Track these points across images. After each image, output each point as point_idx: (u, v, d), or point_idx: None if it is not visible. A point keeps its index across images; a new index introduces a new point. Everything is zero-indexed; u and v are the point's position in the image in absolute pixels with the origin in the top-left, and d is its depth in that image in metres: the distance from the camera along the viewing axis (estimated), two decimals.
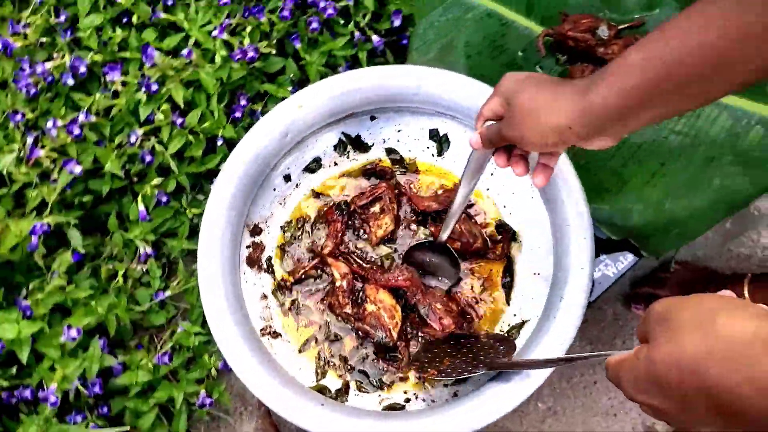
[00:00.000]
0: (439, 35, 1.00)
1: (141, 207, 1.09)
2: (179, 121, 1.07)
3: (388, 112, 0.90)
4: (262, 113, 1.10)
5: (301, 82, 1.13)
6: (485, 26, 0.98)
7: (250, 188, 0.82)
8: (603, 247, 0.96)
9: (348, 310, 0.84)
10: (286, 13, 1.08)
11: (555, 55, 0.97)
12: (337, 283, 0.84)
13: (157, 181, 1.08)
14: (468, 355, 0.79)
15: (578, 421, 1.09)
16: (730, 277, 1.10)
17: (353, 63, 1.14)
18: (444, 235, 0.81)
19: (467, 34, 0.98)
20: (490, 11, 0.99)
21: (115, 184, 1.10)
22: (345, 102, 0.84)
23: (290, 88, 1.09)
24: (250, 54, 1.05)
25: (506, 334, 0.83)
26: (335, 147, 0.91)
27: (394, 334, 0.83)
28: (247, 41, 1.07)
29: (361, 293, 0.85)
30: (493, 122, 0.66)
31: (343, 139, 0.90)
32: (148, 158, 1.07)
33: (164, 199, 1.08)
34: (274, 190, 0.88)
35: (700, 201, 0.87)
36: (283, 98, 1.09)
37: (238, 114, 1.07)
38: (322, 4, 1.08)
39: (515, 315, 0.84)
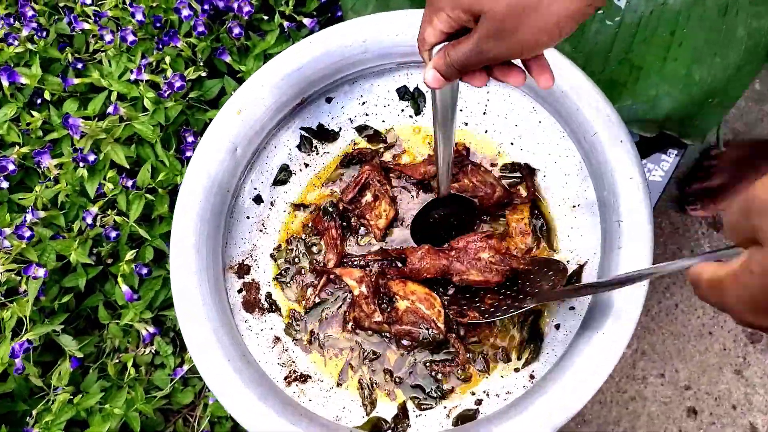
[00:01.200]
0: None
1: (125, 288, 0.94)
2: (130, 183, 0.92)
3: (342, 87, 0.74)
4: None
5: None
6: None
7: (216, 225, 0.67)
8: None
9: (378, 317, 0.68)
10: (201, 28, 0.93)
11: None
12: (356, 292, 0.68)
13: (130, 255, 0.94)
14: (512, 288, 0.65)
15: (672, 353, 0.92)
16: None
17: None
18: (443, 188, 0.65)
19: None
20: None
21: (91, 273, 0.96)
22: (289, 88, 0.69)
23: None
24: (177, 84, 0.89)
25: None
26: (299, 147, 0.75)
27: (441, 325, 0.67)
28: (170, 72, 0.92)
29: (387, 293, 0.69)
30: (443, 44, 0.48)
31: (305, 134, 0.75)
32: (113, 234, 0.93)
33: (145, 271, 0.94)
34: (248, 217, 0.73)
35: (731, 57, 0.70)
36: None
37: (189, 153, 0.92)
38: (236, 5, 0.93)
39: (568, 261, 0.68)
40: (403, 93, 0.75)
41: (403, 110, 0.75)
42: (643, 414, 0.88)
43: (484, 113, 0.73)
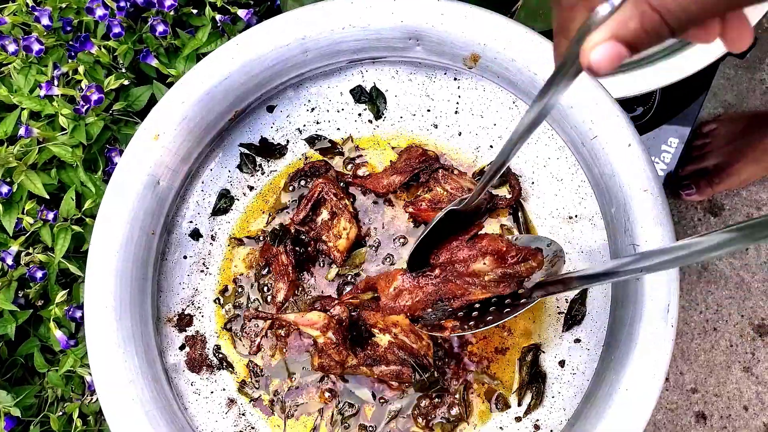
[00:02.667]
0: None
1: (58, 334, 0.80)
2: (52, 216, 0.77)
3: (285, 92, 0.60)
4: None
5: None
6: None
7: (141, 277, 0.53)
8: None
9: (352, 361, 0.56)
10: (117, 30, 0.77)
11: None
12: (321, 340, 0.56)
13: (61, 296, 0.79)
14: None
15: (675, 354, 0.82)
16: None
17: None
18: (473, 198, 0.49)
19: None
20: None
21: (20, 318, 0.82)
22: (217, 104, 0.55)
23: None
24: (95, 97, 0.74)
25: (567, 311, 0.56)
26: (240, 167, 0.61)
27: (431, 359, 0.55)
28: (84, 82, 0.77)
29: (362, 329, 0.57)
30: (616, 2, 0.28)
31: (245, 151, 0.61)
32: (39, 274, 0.79)
33: (80, 314, 0.80)
34: (186, 257, 0.59)
35: None
36: None
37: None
38: None
39: None
40: (358, 94, 0.61)
41: (360, 114, 0.62)
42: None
43: (456, 112, 0.60)
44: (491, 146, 0.59)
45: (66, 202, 0.79)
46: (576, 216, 0.56)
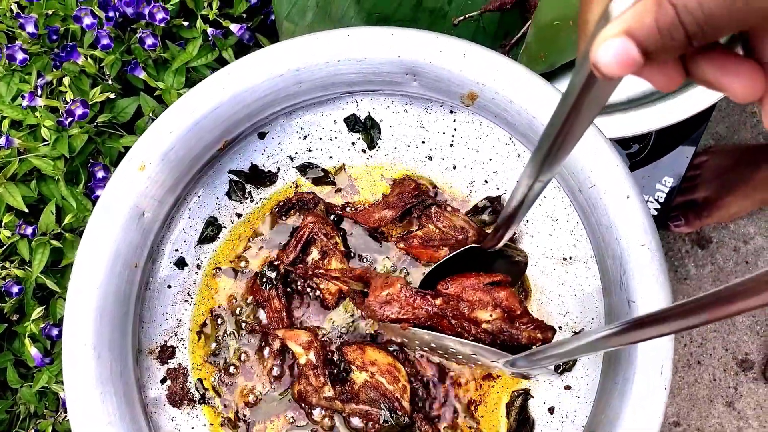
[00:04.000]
0: None
1: (33, 351, 0.78)
2: (30, 230, 0.75)
3: (277, 120, 0.58)
4: None
5: None
6: None
7: (123, 312, 0.51)
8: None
9: (329, 392, 0.54)
10: (106, 41, 0.75)
11: None
12: (302, 360, 0.54)
13: (38, 312, 0.77)
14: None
15: None
16: None
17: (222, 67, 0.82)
18: (498, 238, 0.46)
19: None
20: None
21: None
22: (206, 133, 0.53)
23: None
24: (79, 112, 0.72)
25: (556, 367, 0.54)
26: (229, 194, 0.59)
27: (406, 404, 0.54)
28: (69, 95, 0.74)
29: (341, 363, 0.56)
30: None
31: (235, 178, 0.59)
32: (15, 289, 0.76)
33: (56, 332, 0.77)
34: (170, 287, 0.57)
35: None
36: None
37: (100, 191, 0.75)
38: (147, 11, 0.75)
39: (560, 327, 0.55)
40: (352, 123, 0.60)
41: (353, 143, 0.60)
42: None
43: (451, 145, 0.59)
44: (486, 181, 0.58)
45: (45, 216, 0.76)
46: (570, 258, 0.55)
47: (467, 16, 0.61)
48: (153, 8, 0.74)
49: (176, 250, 0.57)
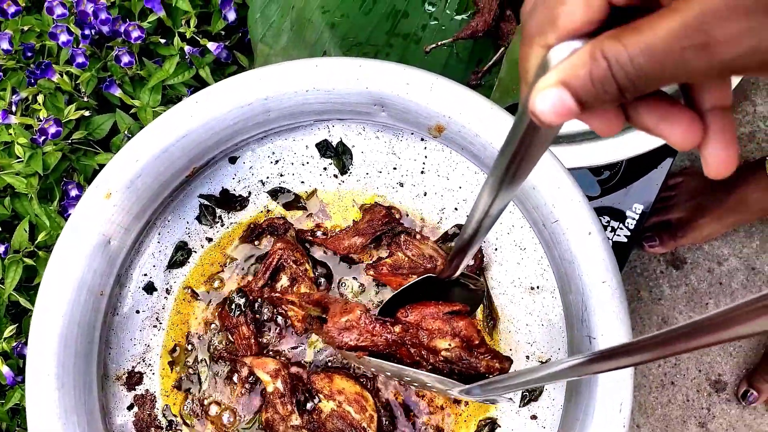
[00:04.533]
0: (284, 10, 0.68)
1: (5, 369, 0.77)
2: (2, 248, 0.75)
3: (249, 145, 0.59)
4: None
5: None
6: None
7: (87, 341, 0.50)
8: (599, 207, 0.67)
9: (296, 421, 0.54)
10: (81, 59, 0.75)
11: None
12: (270, 388, 0.54)
13: (10, 330, 0.77)
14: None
15: (633, 406, 0.83)
16: (745, 167, 0.83)
17: (199, 85, 0.82)
18: (453, 268, 0.47)
19: None
20: None
21: None
22: (174, 161, 0.53)
23: None
24: (52, 130, 0.72)
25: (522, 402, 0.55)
26: (199, 218, 0.59)
27: None
28: (43, 113, 0.74)
29: (308, 391, 0.56)
30: (576, 45, 0.25)
31: (205, 202, 0.59)
32: None
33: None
34: (138, 312, 0.57)
35: None
36: None
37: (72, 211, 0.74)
38: (123, 29, 0.75)
39: (528, 357, 0.55)
40: (324, 149, 0.60)
41: (325, 168, 0.60)
42: None
43: (422, 172, 0.59)
44: (456, 208, 0.58)
45: (18, 234, 0.76)
46: (538, 287, 0.55)
47: (439, 44, 0.61)
48: (129, 27, 0.74)
49: (145, 275, 0.57)
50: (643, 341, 0.26)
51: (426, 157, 0.58)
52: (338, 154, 0.60)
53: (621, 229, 0.64)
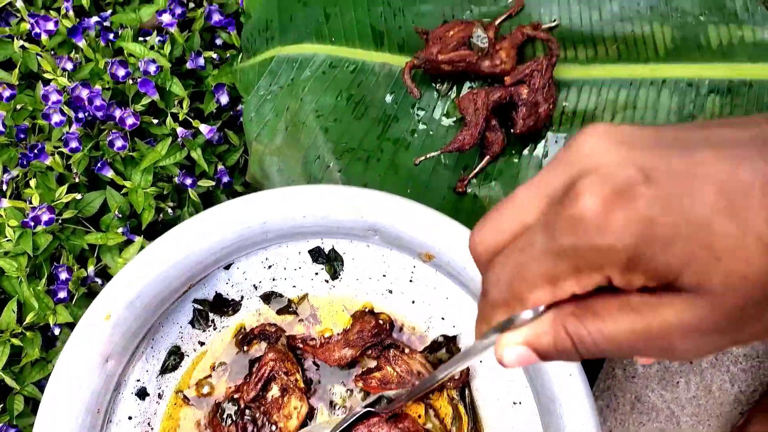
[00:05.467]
0: (278, 111, 0.70)
1: None
2: None
3: (246, 255, 0.61)
4: (97, 273, 0.79)
5: (134, 215, 0.82)
6: (332, 81, 0.69)
7: None
8: None
9: None
10: (74, 144, 0.76)
11: (433, 86, 0.70)
12: None
13: None
14: None
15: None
16: None
17: (190, 165, 0.84)
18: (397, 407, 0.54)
19: (312, 98, 0.69)
20: (331, 59, 0.70)
21: None
22: (173, 280, 0.54)
23: (121, 229, 0.78)
24: (45, 218, 0.73)
25: None
26: (192, 323, 0.61)
27: None
28: (36, 199, 0.75)
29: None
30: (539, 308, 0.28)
31: (199, 307, 0.61)
32: None
33: None
34: (131, 417, 0.58)
35: None
36: (115, 245, 0.80)
37: (62, 294, 0.75)
38: (118, 114, 0.76)
39: None
40: (316, 255, 0.62)
41: (317, 273, 0.62)
42: None
43: (411, 281, 0.61)
44: (443, 318, 0.61)
45: (6, 315, 0.77)
46: (520, 402, 0.58)
47: (427, 156, 0.64)
48: (124, 114, 0.75)
49: (138, 380, 0.59)
50: None
51: (414, 266, 0.61)
52: (330, 260, 0.62)
53: None
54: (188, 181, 0.79)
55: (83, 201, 0.80)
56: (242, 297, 0.62)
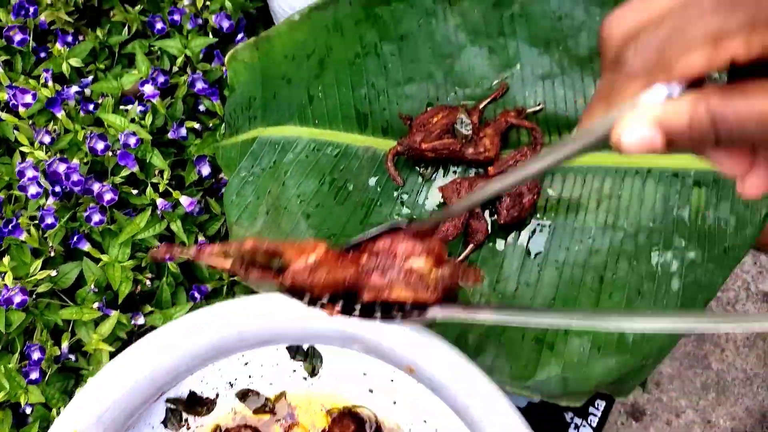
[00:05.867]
0: (260, 193, 0.69)
1: None
2: None
3: (222, 356, 0.59)
4: (71, 348, 0.77)
5: (111, 287, 0.80)
6: (315, 164, 0.68)
7: None
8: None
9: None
10: (50, 220, 0.74)
11: (417, 170, 0.69)
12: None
13: None
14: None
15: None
16: None
17: (170, 236, 0.82)
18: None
19: (295, 182, 0.67)
20: (314, 143, 0.68)
21: None
22: (144, 390, 0.52)
23: (96, 304, 0.76)
24: (17, 299, 0.71)
25: None
26: (165, 423, 0.59)
27: None
28: (9, 278, 0.73)
29: None
30: (674, 89, 0.25)
31: (171, 406, 0.59)
32: None
33: None
34: None
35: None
36: (90, 320, 0.77)
37: (34, 375, 0.73)
38: (96, 189, 0.75)
39: None
40: (294, 351, 0.60)
41: (295, 371, 0.61)
42: None
43: (392, 380, 0.60)
44: (425, 421, 0.59)
45: None
46: None
47: None
48: (102, 189, 0.73)
49: None
50: None
51: (394, 371, 0.59)
52: (308, 357, 0.60)
53: (584, 426, 0.66)
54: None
55: (59, 273, 0.78)
56: (217, 395, 0.60)
